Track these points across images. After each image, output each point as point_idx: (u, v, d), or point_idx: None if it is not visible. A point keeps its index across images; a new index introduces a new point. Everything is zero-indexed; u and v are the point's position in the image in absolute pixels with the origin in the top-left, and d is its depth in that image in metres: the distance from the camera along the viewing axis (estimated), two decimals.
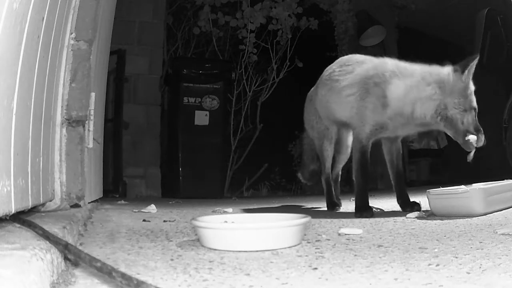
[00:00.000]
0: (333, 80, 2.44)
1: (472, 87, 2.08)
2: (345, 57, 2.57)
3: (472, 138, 2.03)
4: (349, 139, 2.77)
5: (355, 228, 1.68)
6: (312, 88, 2.76)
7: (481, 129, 2.06)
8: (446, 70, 2.09)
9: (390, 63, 2.24)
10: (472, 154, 2.07)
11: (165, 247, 1.36)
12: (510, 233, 1.43)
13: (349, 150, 2.81)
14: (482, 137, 2.05)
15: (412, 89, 2.10)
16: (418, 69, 2.16)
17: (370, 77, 2.22)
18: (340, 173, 2.87)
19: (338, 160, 2.79)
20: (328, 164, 2.67)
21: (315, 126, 2.68)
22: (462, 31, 5.55)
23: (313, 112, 2.69)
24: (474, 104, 2.07)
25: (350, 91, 2.30)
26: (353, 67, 2.37)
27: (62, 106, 1.96)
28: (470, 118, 2.06)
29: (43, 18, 1.37)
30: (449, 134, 2.15)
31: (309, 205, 3.14)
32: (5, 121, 1.07)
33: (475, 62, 2.04)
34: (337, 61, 2.56)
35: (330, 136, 2.63)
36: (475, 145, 2.04)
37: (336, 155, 2.74)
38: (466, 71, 2.04)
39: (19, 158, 1.20)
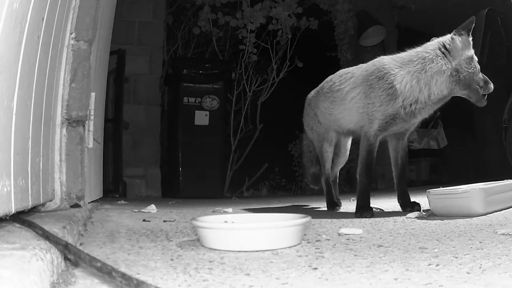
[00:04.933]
0: (334, 91, 2.45)
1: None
2: (344, 69, 2.59)
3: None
4: (348, 142, 2.78)
5: (355, 228, 1.68)
6: (312, 92, 2.77)
7: (488, 78, 2.14)
8: (447, 38, 2.16)
9: (386, 58, 2.28)
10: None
11: (165, 247, 1.36)
12: (510, 233, 1.43)
13: (348, 153, 2.83)
14: (491, 85, 2.13)
15: (420, 74, 2.13)
16: (412, 53, 2.21)
17: (371, 74, 2.24)
18: (338, 175, 2.89)
19: (336, 162, 2.80)
20: (328, 165, 2.68)
21: (315, 129, 2.70)
22: None
23: (312, 116, 2.70)
24: (476, 58, 2.15)
25: (354, 93, 2.31)
26: (352, 73, 2.41)
27: (62, 106, 1.96)
28: (478, 72, 2.13)
29: (43, 18, 1.37)
30: (462, 95, 2.19)
31: (309, 205, 3.14)
32: (5, 121, 1.07)
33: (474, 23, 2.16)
34: (337, 72, 2.58)
35: (330, 138, 2.64)
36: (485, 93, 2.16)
37: (334, 157, 2.75)
38: (470, 33, 2.14)
39: (19, 158, 1.20)
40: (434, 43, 2.19)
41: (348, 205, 2.78)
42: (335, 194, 2.77)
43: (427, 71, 2.12)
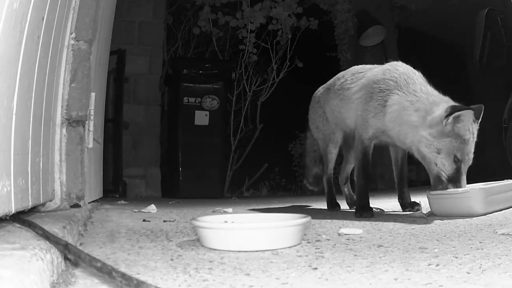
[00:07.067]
0: (345, 89, 2.42)
1: (466, 136, 1.92)
2: (359, 66, 2.53)
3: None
4: None
5: (355, 228, 1.68)
6: (321, 89, 2.72)
7: (460, 181, 1.95)
8: (443, 107, 1.93)
9: (400, 70, 2.15)
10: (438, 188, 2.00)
11: (165, 247, 1.36)
12: (510, 233, 1.43)
13: None
14: (452, 187, 1.96)
15: (404, 110, 2.04)
16: (422, 89, 2.05)
17: (376, 82, 2.19)
18: (350, 171, 2.79)
19: (349, 158, 2.74)
20: (331, 165, 2.66)
21: (322, 128, 2.66)
22: (462, 31, 5.55)
23: (320, 114, 2.66)
24: (459, 154, 1.93)
25: (358, 95, 2.29)
26: (365, 73, 2.35)
27: (62, 106, 1.96)
28: (446, 163, 1.96)
29: (43, 18, 1.37)
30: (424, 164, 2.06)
31: (309, 205, 3.14)
32: (5, 121, 1.07)
33: (471, 115, 1.89)
34: (350, 69, 2.53)
35: (335, 139, 2.61)
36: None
37: (346, 153, 2.70)
38: (460, 124, 1.89)
39: (19, 158, 1.20)
40: (437, 102, 1.98)
41: None
42: (350, 193, 2.73)
43: (408, 114, 2.02)
